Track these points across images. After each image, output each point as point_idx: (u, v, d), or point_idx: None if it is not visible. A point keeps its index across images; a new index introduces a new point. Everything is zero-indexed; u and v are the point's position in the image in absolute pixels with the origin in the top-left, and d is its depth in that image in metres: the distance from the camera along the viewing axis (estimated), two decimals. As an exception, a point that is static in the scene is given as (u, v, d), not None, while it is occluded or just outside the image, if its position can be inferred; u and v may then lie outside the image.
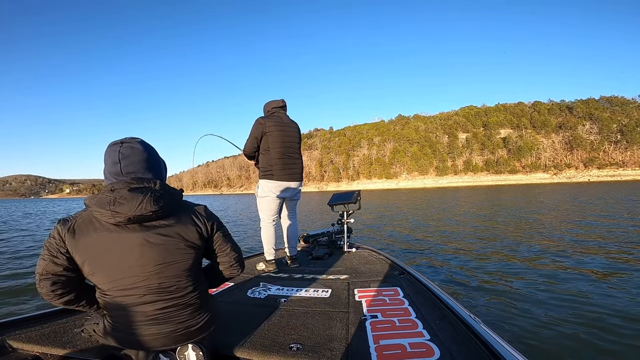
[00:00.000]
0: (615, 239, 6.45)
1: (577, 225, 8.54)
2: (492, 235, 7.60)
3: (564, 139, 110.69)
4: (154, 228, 1.01)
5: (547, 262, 4.91)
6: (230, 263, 1.22)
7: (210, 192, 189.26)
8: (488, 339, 1.15)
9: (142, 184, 1.01)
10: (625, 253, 5.24)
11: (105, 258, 0.98)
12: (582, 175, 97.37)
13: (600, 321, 2.78)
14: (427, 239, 7.57)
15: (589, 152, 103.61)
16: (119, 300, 1.01)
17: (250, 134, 2.67)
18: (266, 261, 2.71)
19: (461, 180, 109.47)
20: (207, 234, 1.12)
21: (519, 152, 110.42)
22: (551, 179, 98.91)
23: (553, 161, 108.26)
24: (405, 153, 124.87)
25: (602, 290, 3.56)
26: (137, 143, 1.07)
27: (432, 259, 5.42)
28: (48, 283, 0.99)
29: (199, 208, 1.15)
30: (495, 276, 4.26)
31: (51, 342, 1.27)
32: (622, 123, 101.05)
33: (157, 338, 1.03)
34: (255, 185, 2.82)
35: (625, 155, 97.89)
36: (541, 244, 6.30)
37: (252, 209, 20.41)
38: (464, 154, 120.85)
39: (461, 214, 13.45)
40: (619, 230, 7.53)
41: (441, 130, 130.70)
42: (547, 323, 2.78)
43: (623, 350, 2.34)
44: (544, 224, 9.19)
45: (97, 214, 0.98)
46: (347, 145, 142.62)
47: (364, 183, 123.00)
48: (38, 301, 3.60)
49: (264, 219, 2.74)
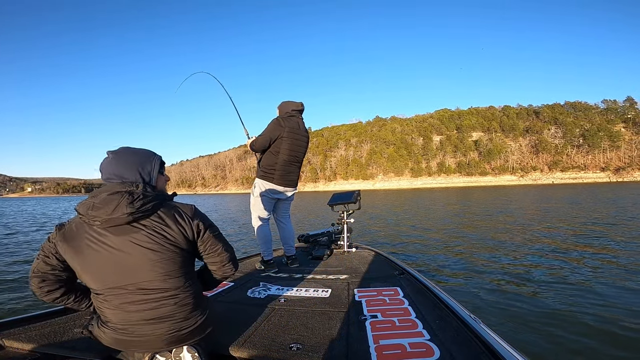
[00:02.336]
0: (613, 239, 6.49)
1: (576, 226, 8.72)
2: (491, 235, 7.62)
3: (530, 142, 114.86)
4: (138, 229, 1.03)
5: (547, 262, 4.94)
6: (223, 263, 1.21)
7: (185, 191, 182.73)
8: (488, 339, 1.15)
9: (124, 188, 1.04)
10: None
11: (92, 259, 1.01)
12: (547, 177, 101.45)
13: (600, 321, 2.79)
14: (426, 238, 7.54)
15: (554, 155, 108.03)
16: (109, 300, 1.03)
17: (266, 132, 2.59)
18: (264, 262, 2.66)
19: (435, 182, 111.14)
20: (192, 234, 1.12)
21: (489, 154, 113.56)
22: (518, 180, 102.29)
23: (520, 164, 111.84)
24: (381, 154, 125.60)
25: (603, 290, 3.55)
26: (123, 150, 1.13)
27: (431, 259, 5.46)
28: (37, 280, 1.06)
29: (184, 208, 1.14)
30: (496, 276, 4.26)
31: (51, 342, 1.28)
32: (585, 128, 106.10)
33: (149, 339, 1.05)
34: (254, 184, 2.74)
35: (587, 159, 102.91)
36: (541, 245, 6.33)
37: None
38: (437, 156, 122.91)
39: (455, 214, 13.59)
40: (618, 231, 7.55)
41: (417, 132, 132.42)
42: (547, 323, 2.79)
43: (623, 350, 2.36)
44: (542, 224, 9.31)
45: (83, 218, 1.03)
46: (324, 146, 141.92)
47: (341, 184, 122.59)
48: (38, 301, 3.52)
49: (258, 218, 2.68)
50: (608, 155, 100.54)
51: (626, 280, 3.85)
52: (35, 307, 3.41)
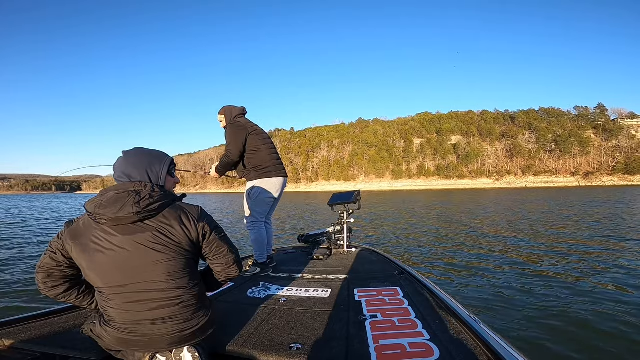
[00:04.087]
0: (608, 242, 6.59)
1: (575, 227, 8.87)
2: (489, 235, 7.68)
3: (505, 147, 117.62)
4: (143, 229, 1.04)
5: (547, 262, 4.97)
6: (228, 265, 1.22)
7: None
8: (488, 339, 1.15)
9: (132, 187, 1.05)
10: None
11: (98, 258, 1.02)
12: (520, 181, 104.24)
13: (600, 320, 2.81)
14: (426, 238, 7.60)
15: (527, 159, 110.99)
16: (113, 299, 1.04)
17: (233, 138, 2.52)
18: (259, 264, 2.63)
19: (414, 184, 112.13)
20: (197, 235, 1.13)
21: (467, 158, 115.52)
22: (493, 184, 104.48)
23: (496, 167, 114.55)
24: (363, 156, 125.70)
25: (603, 289, 3.60)
26: (134, 150, 1.16)
27: (431, 259, 5.49)
28: (42, 275, 1.09)
29: (191, 209, 1.15)
30: (496, 276, 4.28)
31: (51, 342, 1.28)
32: (557, 133, 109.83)
33: (152, 339, 1.05)
34: (250, 186, 2.64)
35: (558, 163, 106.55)
36: (540, 244, 6.42)
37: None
38: (418, 159, 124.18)
39: (454, 214, 13.74)
40: (615, 233, 7.71)
41: (398, 134, 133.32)
42: (547, 323, 2.82)
43: (623, 349, 2.39)
44: (540, 224, 9.51)
45: (91, 217, 1.05)
46: (307, 147, 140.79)
47: (322, 185, 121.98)
48: (38, 301, 3.62)
49: (257, 220, 2.63)
50: (578, 160, 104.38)
51: (627, 280, 3.92)
52: (36, 307, 3.40)
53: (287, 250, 3.60)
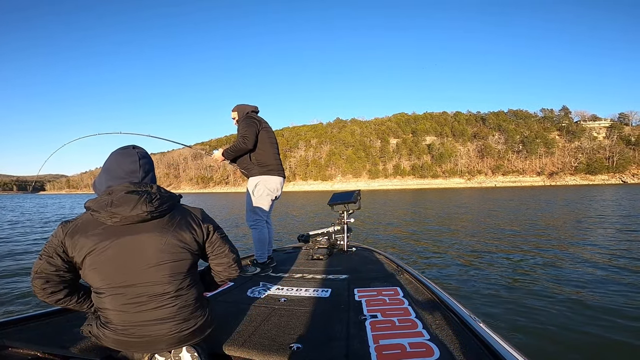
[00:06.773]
0: (608, 241, 6.61)
1: (574, 226, 8.94)
2: (488, 236, 7.67)
3: (477, 147, 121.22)
4: (149, 229, 1.04)
5: (547, 262, 4.95)
6: (229, 264, 1.23)
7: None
8: (488, 339, 1.15)
9: (139, 187, 1.06)
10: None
11: (100, 257, 1.01)
12: (490, 180, 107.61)
13: (600, 320, 2.81)
14: (424, 239, 7.55)
15: (496, 160, 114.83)
16: (112, 300, 1.03)
17: (250, 127, 2.57)
18: (260, 264, 2.64)
19: (390, 184, 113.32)
20: (202, 236, 1.14)
21: (441, 158, 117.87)
22: (465, 183, 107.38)
23: (467, 167, 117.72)
24: (340, 156, 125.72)
25: (603, 289, 3.58)
26: (134, 150, 1.16)
27: (431, 259, 5.46)
28: (41, 282, 1.03)
29: (195, 211, 1.18)
30: (495, 276, 4.28)
31: (51, 342, 1.28)
32: (524, 135, 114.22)
33: (150, 341, 1.04)
34: (254, 183, 2.62)
35: (525, 163, 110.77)
36: (540, 244, 6.36)
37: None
38: (394, 159, 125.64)
39: (454, 214, 13.68)
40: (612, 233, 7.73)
41: (375, 135, 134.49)
42: (548, 322, 2.81)
43: (623, 349, 2.40)
44: (540, 224, 9.53)
45: (96, 215, 1.03)
46: (284, 146, 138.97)
47: (300, 184, 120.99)
48: (38, 301, 3.63)
49: (260, 219, 2.63)
50: (543, 160, 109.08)
51: (628, 279, 3.92)
52: (36, 307, 3.38)
53: (287, 250, 3.60)
